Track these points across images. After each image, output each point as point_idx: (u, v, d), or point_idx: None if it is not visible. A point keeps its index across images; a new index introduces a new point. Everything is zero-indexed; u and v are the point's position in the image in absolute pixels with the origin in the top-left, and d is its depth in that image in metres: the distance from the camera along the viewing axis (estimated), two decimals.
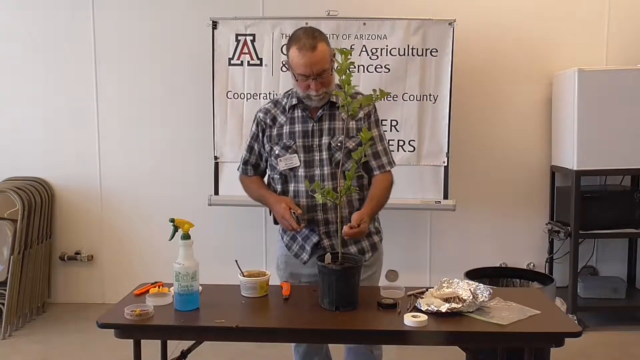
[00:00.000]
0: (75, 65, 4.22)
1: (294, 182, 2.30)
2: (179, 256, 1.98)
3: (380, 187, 2.31)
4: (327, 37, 2.24)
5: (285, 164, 2.29)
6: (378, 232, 2.42)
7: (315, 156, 2.28)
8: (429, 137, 3.76)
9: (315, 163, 2.27)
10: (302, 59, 2.14)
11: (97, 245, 4.35)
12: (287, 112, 2.33)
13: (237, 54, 3.81)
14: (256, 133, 2.38)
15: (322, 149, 2.27)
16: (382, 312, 1.97)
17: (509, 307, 1.99)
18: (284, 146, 2.30)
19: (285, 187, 2.33)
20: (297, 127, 2.30)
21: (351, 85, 1.96)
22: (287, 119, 2.32)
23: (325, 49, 2.17)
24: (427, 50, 3.72)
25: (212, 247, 3.86)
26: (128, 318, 1.90)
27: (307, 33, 2.18)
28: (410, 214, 4.04)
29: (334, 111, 2.28)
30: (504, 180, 4.17)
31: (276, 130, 2.33)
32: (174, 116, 4.21)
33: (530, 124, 4.14)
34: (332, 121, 2.28)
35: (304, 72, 2.16)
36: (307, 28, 2.26)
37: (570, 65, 3.84)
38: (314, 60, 2.13)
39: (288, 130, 2.31)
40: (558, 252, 4.12)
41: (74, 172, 4.29)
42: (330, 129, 2.28)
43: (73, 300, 4.35)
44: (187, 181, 4.22)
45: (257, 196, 2.41)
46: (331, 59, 2.19)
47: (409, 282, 2.37)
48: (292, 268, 2.38)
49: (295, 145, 2.29)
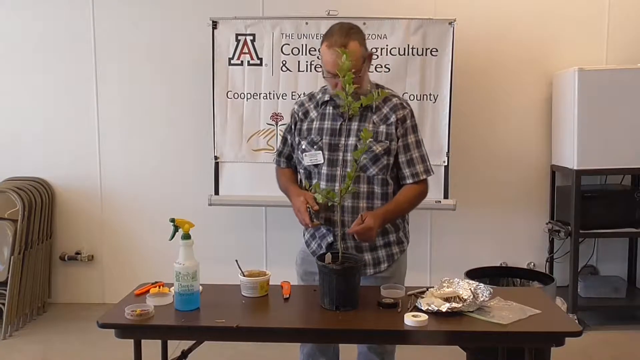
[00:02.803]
0: (75, 64, 4.21)
1: (317, 179, 2.25)
2: (179, 256, 1.98)
3: (405, 194, 2.24)
4: (363, 36, 2.16)
5: (310, 159, 2.25)
6: (400, 243, 2.32)
7: (339, 156, 2.20)
8: (429, 136, 3.75)
9: (339, 163, 2.19)
10: (331, 56, 2.08)
11: (97, 245, 4.35)
12: (320, 107, 2.28)
13: (237, 54, 3.81)
14: (290, 125, 2.37)
15: (348, 149, 2.19)
16: (382, 311, 1.97)
17: (510, 306, 1.98)
18: (311, 142, 2.25)
19: (309, 182, 2.28)
20: (326, 124, 2.25)
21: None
22: (319, 114, 2.28)
23: (357, 48, 2.09)
24: (427, 50, 3.72)
25: (212, 247, 3.86)
26: (128, 318, 1.90)
27: (342, 30, 2.11)
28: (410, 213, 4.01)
29: (366, 112, 2.21)
30: (504, 179, 4.17)
31: (306, 124, 2.29)
32: (174, 116, 4.21)
33: (530, 123, 4.13)
34: (363, 122, 2.21)
35: (332, 69, 2.10)
36: (343, 24, 2.16)
37: (570, 64, 3.84)
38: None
39: (317, 126, 2.26)
40: (558, 252, 4.11)
41: (74, 172, 4.29)
42: (360, 130, 2.18)
43: (73, 300, 4.35)
44: (188, 181, 4.22)
45: (283, 188, 2.39)
46: (365, 59, 2.13)
47: (409, 281, 2.36)
48: (307, 265, 2.34)
49: (322, 142, 2.23)
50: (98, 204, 4.31)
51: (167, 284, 2.20)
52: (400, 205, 2.23)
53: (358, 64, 2.09)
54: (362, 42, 2.13)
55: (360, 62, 2.11)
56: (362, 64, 2.12)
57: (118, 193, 4.29)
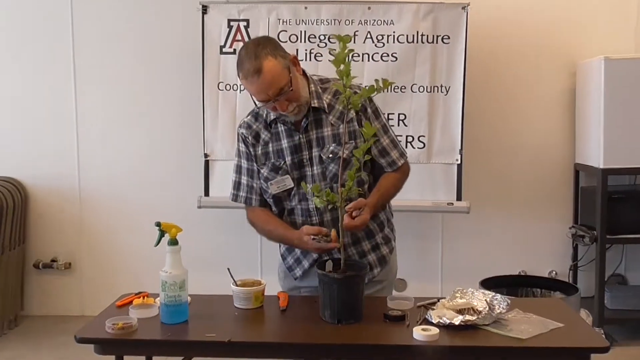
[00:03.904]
0: (52, 53, 4.22)
1: (287, 200, 2.25)
2: (165, 264, 1.98)
3: (388, 180, 2.25)
4: (275, 45, 2.10)
5: (277, 187, 2.23)
6: (388, 242, 2.35)
7: (306, 172, 2.21)
8: (441, 132, 3.76)
9: (307, 180, 2.20)
10: (252, 86, 2.05)
11: (75, 252, 4.35)
12: (270, 127, 2.24)
13: (230, 41, 3.81)
14: (246, 150, 2.28)
15: (313, 163, 2.20)
16: (388, 325, 1.97)
17: (529, 319, 1.98)
18: (273, 167, 2.23)
19: (279, 206, 2.27)
20: (284, 143, 2.21)
21: (350, 77, 1.87)
22: (272, 134, 2.24)
23: (273, 64, 2.02)
24: (438, 37, 3.72)
25: (202, 254, 3.86)
26: (109, 332, 1.90)
27: (249, 53, 2.04)
28: (419, 217, 4.04)
29: (320, 116, 2.20)
30: (522, 179, 4.17)
31: (261, 148, 2.25)
32: (160, 110, 4.21)
33: (551, 117, 4.14)
34: (319, 129, 2.20)
35: (261, 98, 2.07)
36: (249, 46, 2.09)
37: (596, 53, 3.84)
38: (264, 84, 2.02)
39: (275, 148, 2.23)
40: (583, 259, 4.12)
41: (49, 171, 4.29)
42: (319, 138, 2.19)
43: (49, 312, 4.35)
44: (175, 181, 4.22)
45: (274, 236, 2.29)
46: (288, 68, 2.06)
47: (419, 292, 2.38)
48: (290, 280, 2.36)
49: (286, 164, 2.21)
50: (76, 206, 4.31)
51: (152, 294, 2.20)
52: (387, 191, 2.24)
53: (282, 80, 2.04)
54: (276, 54, 2.06)
55: (286, 75, 2.06)
56: (288, 75, 2.06)
57: (98, 194, 4.30)
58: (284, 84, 2.05)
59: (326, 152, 2.19)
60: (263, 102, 2.10)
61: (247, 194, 2.32)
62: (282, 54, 2.09)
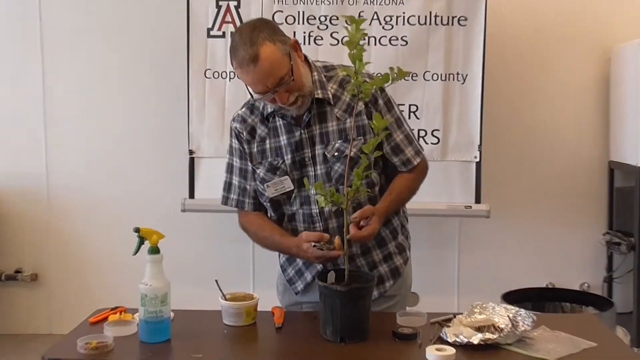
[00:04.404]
0: (17, 35, 4.22)
1: (287, 204, 2.25)
2: (145, 275, 1.98)
3: (402, 182, 2.23)
4: (273, 29, 2.07)
5: (275, 189, 2.22)
6: (402, 251, 2.34)
7: (308, 172, 2.19)
8: (457, 125, 3.76)
9: (311, 180, 2.17)
10: (248, 76, 2.03)
11: (42, 261, 4.36)
12: (267, 121, 2.23)
13: (218, 24, 3.81)
14: (239, 148, 2.27)
15: (316, 162, 2.19)
16: (398, 344, 1.97)
17: (557, 337, 1.98)
18: (270, 167, 2.21)
19: (278, 211, 2.27)
20: (283, 140, 2.20)
21: (363, 63, 1.84)
22: (269, 130, 2.22)
23: (272, 51, 1.99)
24: (453, 18, 3.72)
25: (187, 264, 3.87)
26: (82, 352, 1.89)
27: (243, 38, 2.00)
28: (434, 221, 4.05)
29: (324, 109, 2.18)
30: (550, 180, 4.18)
31: (257, 146, 2.24)
32: (139, 101, 4.23)
33: (583, 109, 4.15)
34: (324, 123, 2.18)
35: (259, 90, 2.05)
36: (243, 30, 2.06)
37: (633, 36, 3.85)
38: (262, 73, 1.99)
39: (272, 145, 2.22)
40: (619, 270, 4.12)
41: (13, 169, 4.30)
42: (323, 134, 2.18)
43: (12, 330, 4.36)
44: (156, 181, 4.23)
45: (269, 244, 2.29)
46: (289, 55, 2.04)
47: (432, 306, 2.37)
48: (291, 294, 2.36)
49: (285, 163, 2.20)
50: (44, 209, 4.32)
51: (130, 309, 2.19)
52: (400, 195, 2.24)
53: (282, 68, 2.02)
54: (274, 39, 2.02)
55: (286, 63, 2.03)
56: (289, 62, 2.04)
57: (69, 195, 4.30)
58: (284, 72, 2.03)
59: (331, 150, 2.18)
60: (260, 94, 2.08)
61: (239, 197, 2.32)
62: (282, 39, 2.06)
